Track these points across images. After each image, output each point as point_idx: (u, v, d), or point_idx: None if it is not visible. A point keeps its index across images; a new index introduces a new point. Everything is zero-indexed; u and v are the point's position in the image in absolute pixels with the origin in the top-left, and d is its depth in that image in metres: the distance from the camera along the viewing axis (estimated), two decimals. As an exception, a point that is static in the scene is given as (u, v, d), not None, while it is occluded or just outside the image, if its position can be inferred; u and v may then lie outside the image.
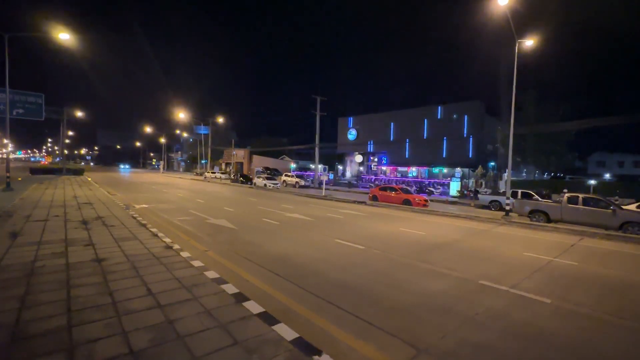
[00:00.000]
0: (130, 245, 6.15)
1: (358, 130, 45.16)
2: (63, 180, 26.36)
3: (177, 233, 8.30)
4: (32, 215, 8.99)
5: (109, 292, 3.89)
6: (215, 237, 8.08)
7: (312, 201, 19.17)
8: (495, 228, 12.06)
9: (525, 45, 14.74)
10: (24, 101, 31.29)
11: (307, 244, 7.85)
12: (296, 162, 57.20)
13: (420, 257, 7.03)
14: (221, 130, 68.39)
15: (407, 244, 8.39)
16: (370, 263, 6.39)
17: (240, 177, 37.33)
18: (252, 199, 18.67)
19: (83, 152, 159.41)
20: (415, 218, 13.66)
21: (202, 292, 4.04)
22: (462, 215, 14.61)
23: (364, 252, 7.29)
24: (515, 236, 10.46)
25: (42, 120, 33.03)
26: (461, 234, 10.45)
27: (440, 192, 29.70)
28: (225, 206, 14.54)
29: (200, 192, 22.35)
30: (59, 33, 16.95)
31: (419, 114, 38.59)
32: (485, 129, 34.44)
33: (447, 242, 8.88)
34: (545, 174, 40.58)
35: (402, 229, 10.55)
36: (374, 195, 19.60)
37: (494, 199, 19.50)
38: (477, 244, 8.81)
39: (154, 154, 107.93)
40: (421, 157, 37.26)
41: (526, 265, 6.78)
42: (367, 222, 11.85)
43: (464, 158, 33.36)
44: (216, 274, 4.74)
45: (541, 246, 9.04)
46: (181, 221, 10.16)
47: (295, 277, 5.30)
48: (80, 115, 45.92)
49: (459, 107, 35.01)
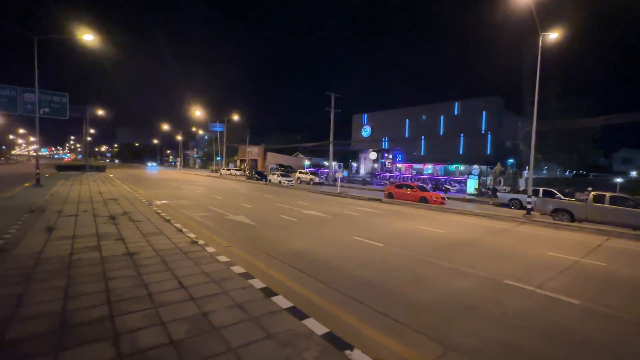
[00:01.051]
0: (157, 240, 6.38)
1: (372, 127, 44.85)
2: (87, 176, 27.38)
3: (200, 229, 8.52)
4: (63, 211, 9.42)
5: (144, 285, 4.07)
6: (236, 233, 8.26)
7: (327, 198, 19.23)
8: (516, 227, 11.82)
9: (549, 38, 14.27)
10: (50, 100, 32.60)
11: (326, 240, 7.92)
12: (310, 159, 57.34)
13: (440, 255, 6.99)
14: (236, 127, 69.23)
15: (426, 241, 8.34)
16: (390, 260, 6.41)
17: (255, 174, 37.75)
18: (268, 196, 18.89)
19: (103, 149, 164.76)
20: (433, 216, 13.52)
21: (231, 286, 4.17)
22: (481, 214, 14.37)
23: (383, 249, 7.30)
24: (538, 235, 10.23)
25: (66, 118, 34.44)
26: (481, 232, 10.30)
27: (457, 190, 29.21)
28: (243, 203, 14.79)
29: (216, 188, 22.78)
30: (83, 35, 17.54)
31: (435, 110, 37.96)
32: (504, 125, 33.57)
33: (468, 241, 8.78)
34: (567, 172, 39.29)
35: (420, 227, 10.49)
36: (390, 193, 19.49)
37: (513, 197, 19.04)
38: (499, 243, 8.67)
39: (170, 151, 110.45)
40: (437, 154, 36.70)
41: (551, 265, 6.64)
42: (384, 219, 11.82)
43: (481, 155, 32.66)
44: (242, 269, 4.88)
45: (566, 246, 8.82)
46: (202, 217, 10.41)
47: (317, 273, 5.38)
48: (101, 113, 47.46)
49: (477, 102, 34.23)
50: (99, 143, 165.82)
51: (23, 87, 30.52)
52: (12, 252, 5.23)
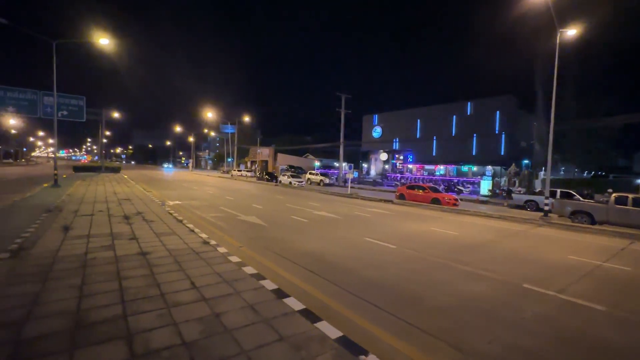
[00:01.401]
0: (170, 240, 6.42)
1: (383, 128, 44.52)
2: (102, 177, 28.02)
3: (211, 229, 8.56)
4: (79, 210, 9.62)
5: (157, 284, 4.07)
6: (248, 234, 8.26)
7: (338, 199, 19.13)
8: (533, 229, 11.47)
9: (567, 35, 13.85)
10: (67, 104, 33.56)
11: (338, 242, 7.83)
12: (320, 160, 57.34)
13: (455, 257, 6.82)
14: (247, 129, 69.88)
15: (440, 243, 8.16)
16: (403, 262, 6.28)
17: (266, 175, 37.95)
18: (278, 197, 18.92)
19: (119, 150, 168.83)
20: (446, 217, 13.27)
21: (243, 287, 4.13)
22: (496, 215, 14.02)
23: (396, 251, 7.17)
24: (557, 238, 9.89)
25: (83, 121, 35.40)
26: (497, 234, 10.03)
27: (470, 191, 28.66)
28: (254, 203, 14.83)
29: (228, 189, 22.96)
30: (99, 39, 17.96)
31: (447, 110, 37.40)
32: (518, 125, 32.80)
33: (483, 243, 8.55)
34: (585, 173, 38.15)
35: (433, 229, 10.29)
36: (401, 194, 19.25)
37: (529, 199, 18.54)
38: (516, 246, 8.41)
39: (183, 152, 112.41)
40: (449, 154, 36.14)
41: (572, 269, 6.39)
42: (395, 221, 11.65)
43: (495, 156, 31.97)
44: (253, 269, 4.84)
45: (587, 249, 8.49)
46: (214, 217, 10.47)
47: (329, 274, 5.30)
48: (117, 116, 48.59)
49: (490, 102, 33.56)
50: (115, 145, 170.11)
51: (43, 91, 31.54)
52: (30, 251, 5.34)
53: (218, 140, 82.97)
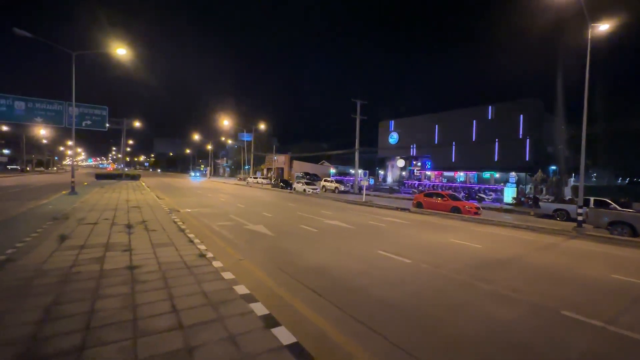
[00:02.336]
0: (165, 252, 6.01)
1: (399, 134, 43.51)
2: (121, 185, 28.60)
3: (214, 239, 8.15)
4: (85, 218, 9.47)
5: (133, 307, 3.61)
6: (252, 245, 7.78)
7: (352, 207, 18.45)
8: (565, 242, 10.39)
9: (598, 30, 12.78)
10: (91, 114, 34.75)
11: (347, 254, 7.21)
12: (336, 167, 56.78)
13: (478, 274, 6.04)
14: (263, 136, 70.51)
15: (461, 258, 7.37)
16: (419, 280, 5.58)
17: (280, 182, 37.74)
18: (291, 205, 18.46)
19: (142, 159, 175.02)
20: (467, 228, 12.33)
21: (229, 312, 3.60)
22: (522, 226, 12.93)
23: (411, 266, 6.46)
24: (594, 252, 8.82)
25: (105, 130, 36.58)
26: (525, 247, 9.07)
27: (493, 199, 27.19)
28: (265, 211, 14.42)
29: (241, 196, 22.75)
30: (116, 49, 18.35)
31: (467, 115, 36.03)
32: (544, 128, 31.04)
33: (510, 258, 7.67)
34: (619, 179, 35.59)
35: (452, 240, 9.45)
36: (419, 202, 18.34)
37: (559, 208, 17.17)
38: (548, 261, 7.48)
39: (202, 160, 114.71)
40: (469, 161, 34.65)
41: (619, 292, 5.47)
42: (412, 231, 10.88)
43: (519, 161, 30.30)
44: (246, 289, 4.31)
45: (632, 266, 7.44)
46: (220, 226, 10.10)
47: (333, 293, 4.70)
48: (138, 125, 50.09)
49: (513, 106, 32.02)
50: (138, 153, 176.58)
51: (68, 101, 32.82)
52: (17, 263, 5.05)
53: (236, 148, 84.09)
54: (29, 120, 31.32)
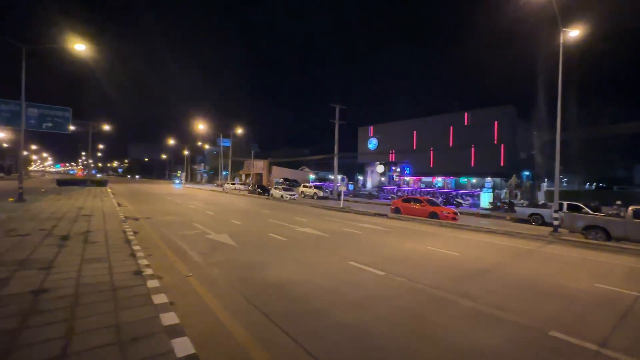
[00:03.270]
0: (93, 270, 5.03)
1: (379, 139, 43.51)
2: (83, 191, 26.60)
3: (166, 252, 7.19)
4: (16, 229, 8.22)
5: (8, 350, 2.69)
6: (208, 257, 6.88)
7: (329, 214, 17.76)
8: (543, 247, 10.11)
9: (570, 36, 12.89)
10: (52, 115, 32.22)
11: (315, 267, 6.46)
12: (316, 172, 56.16)
13: (457, 287, 5.45)
14: (242, 142, 68.99)
15: (439, 268, 6.79)
16: (391, 297, 4.91)
17: (258, 188, 36.62)
18: (265, 211, 17.55)
19: (115, 164, 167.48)
20: (445, 234, 11.90)
21: (141, 354, 2.75)
22: (500, 231, 12.66)
23: (384, 279, 5.79)
24: (573, 259, 8.53)
25: (68, 133, 34.18)
26: (504, 254, 8.66)
27: (470, 204, 27.34)
28: (234, 219, 13.46)
29: (213, 203, 21.57)
30: (75, 44, 16.98)
31: (444, 121, 36.47)
32: (518, 135, 31.78)
33: (489, 267, 7.18)
34: (587, 184, 36.97)
35: (430, 248, 8.91)
36: (397, 208, 17.91)
37: (534, 212, 17.22)
38: (528, 270, 7.04)
39: (179, 166, 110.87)
40: (447, 166, 34.94)
41: (606, 305, 5.02)
42: (388, 238, 10.28)
43: (494, 167, 30.78)
44: (176, 317, 3.45)
45: (612, 273, 7.13)
46: (179, 236, 9.10)
47: (290, 318, 3.93)
48: (107, 128, 47.48)
49: (488, 112, 32.65)
50: (111, 159, 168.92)
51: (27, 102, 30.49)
52: None
53: (214, 154, 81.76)
54: (-19, 121, 28.78)
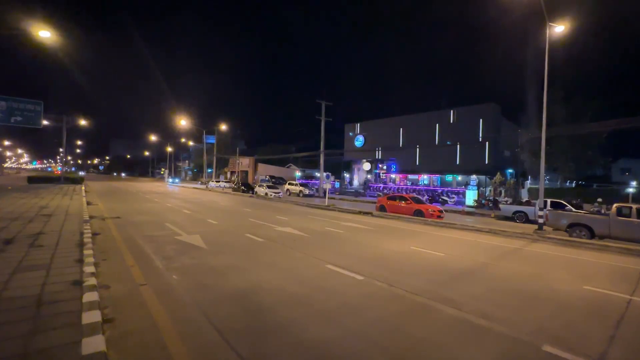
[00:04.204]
0: (24, 280, 4.33)
1: (365, 137, 43.26)
2: (54, 189, 25.14)
3: (124, 256, 6.49)
4: (-44, 232, 7.33)
5: None
6: (172, 262, 6.23)
7: (313, 212, 17.23)
8: (528, 245, 9.88)
9: (555, 32, 12.72)
10: (22, 109, 30.54)
11: (289, 271, 5.91)
12: (302, 170, 55.50)
13: (441, 292, 5.01)
14: (227, 138, 67.58)
15: (422, 270, 6.36)
16: (369, 306, 4.41)
17: (242, 186, 35.72)
18: (246, 210, 16.86)
19: (96, 161, 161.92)
20: (429, 232, 11.56)
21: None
22: (485, 229, 12.43)
23: (363, 285, 5.30)
24: (559, 258, 8.28)
25: (39, 127, 32.36)
26: (489, 254, 8.33)
27: (455, 202, 27.36)
28: (211, 218, 12.75)
29: (193, 201, 20.69)
30: (38, 31, 15.78)
31: (430, 118, 36.50)
32: (502, 133, 32.06)
33: (474, 268, 6.80)
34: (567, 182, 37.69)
35: (414, 248, 8.50)
36: (382, 205, 17.55)
37: (518, 210, 17.19)
38: (514, 271, 6.70)
39: (162, 163, 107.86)
40: (433, 164, 35.00)
41: (598, 309, 4.68)
42: (371, 238, 9.83)
43: (479, 165, 30.97)
44: (103, 343, 2.83)
45: (599, 273, 6.88)
46: (145, 238, 8.38)
47: (250, 336, 3.38)
48: (84, 123, 45.41)
49: (473, 110, 32.81)
50: (92, 156, 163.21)
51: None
52: None
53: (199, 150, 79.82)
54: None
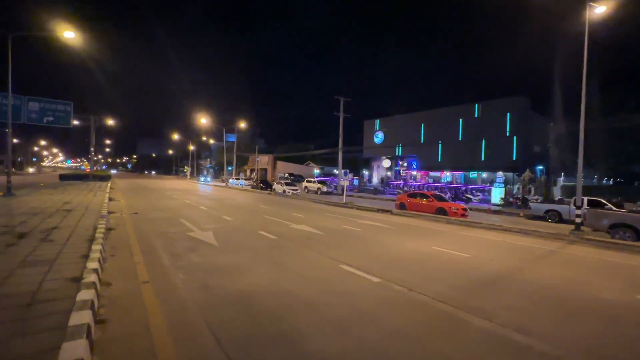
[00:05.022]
0: (24, 276, 4.19)
1: (385, 133, 42.21)
2: (81, 186, 26.16)
3: (134, 252, 6.34)
4: (-23, 225, 7.49)
5: None
6: (180, 259, 6.01)
7: (330, 209, 16.81)
8: (565, 247, 8.99)
9: (595, 12, 11.55)
10: (54, 109, 31.99)
11: (299, 272, 5.53)
12: (321, 168, 55.12)
13: (467, 300, 4.45)
14: (247, 136, 68.32)
15: (445, 273, 5.78)
16: (385, 313, 3.94)
17: (260, 183, 35.90)
18: (262, 207, 16.69)
19: (125, 160, 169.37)
20: (453, 232, 10.84)
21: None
22: (514, 229, 11.53)
23: (379, 288, 4.83)
24: (602, 262, 7.41)
25: (70, 127, 33.85)
26: (520, 256, 7.59)
27: (480, 200, 26.08)
28: (227, 215, 12.61)
29: (211, 198, 20.83)
30: (63, 32, 16.24)
31: (453, 113, 34.98)
32: (531, 127, 30.19)
33: (505, 272, 6.13)
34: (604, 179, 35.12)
35: (436, 248, 7.89)
36: (401, 203, 16.85)
37: (551, 209, 15.98)
38: (552, 276, 5.98)
39: (186, 161, 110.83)
40: (456, 160, 33.54)
41: (659, 326, 3.96)
42: (390, 237, 9.29)
43: (506, 161, 29.30)
44: (85, 349, 2.55)
45: (654, 281, 6.02)
46: (158, 234, 8.29)
47: (250, 345, 3.02)
48: (112, 123, 47.15)
49: (500, 104, 31.09)
50: (121, 154, 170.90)
51: (28, 95, 30.17)
52: None
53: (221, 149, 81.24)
54: (-19, 115, 28.47)
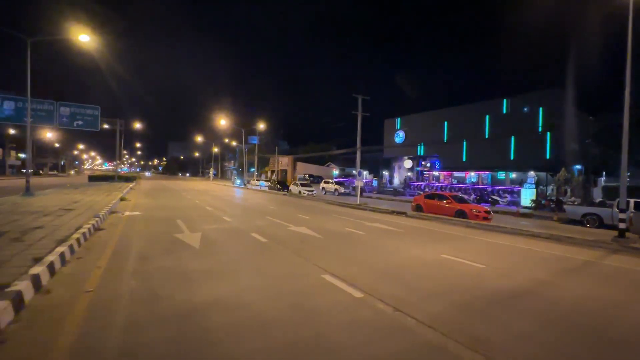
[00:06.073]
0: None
1: (406, 132, 40.60)
2: (105, 186, 27.04)
3: (104, 254, 5.90)
4: (-33, 224, 7.43)
5: None
6: (147, 263, 5.48)
7: (340, 210, 15.96)
8: (606, 257, 7.61)
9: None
10: (82, 113, 33.59)
11: (274, 280, 4.80)
12: (342, 169, 54.21)
13: (467, 325, 3.50)
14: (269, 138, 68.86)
15: (449, 287, 4.81)
16: (353, 341, 3.10)
17: (277, 184, 35.70)
18: (271, 207, 16.17)
19: (156, 162, 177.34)
20: (471, 237, 9.66)
21: None
22: (543, 235, 10.12)
23: (358, 306, 3.98)
24: (654, 277, 6.07)
25: (98, 130, 35.41)
26: (548, 268, 6.40)
27: (508, 202, 24.10)
28: (228, 215, 12.16)
29: (223, 198, 20.66)
30: (78, 35, 16.63)
31: (479, 110, 32.87)
32: (567, 122, 27.60)
33: (525, 288, 5.04)
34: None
35: (444, 256, 6.86)
36: (418, 205, 15.67)
37: (589, 212, 14.15)
38: (588, 294, 4.82)
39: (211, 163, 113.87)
40: (482, 160, 31.42)
41: None
42: (396, 242, 8.33)
43: (538, 159, 26.94)
44: None
45: None
46: (145, 235, 7.91)
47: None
48: (139, 126, 48.98)
49: (531, 97, 28.74)
50: (153, 157, 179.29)
51: (60, 101, 31.74)
52: None
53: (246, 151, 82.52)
54: (19, 120, 30.17)
